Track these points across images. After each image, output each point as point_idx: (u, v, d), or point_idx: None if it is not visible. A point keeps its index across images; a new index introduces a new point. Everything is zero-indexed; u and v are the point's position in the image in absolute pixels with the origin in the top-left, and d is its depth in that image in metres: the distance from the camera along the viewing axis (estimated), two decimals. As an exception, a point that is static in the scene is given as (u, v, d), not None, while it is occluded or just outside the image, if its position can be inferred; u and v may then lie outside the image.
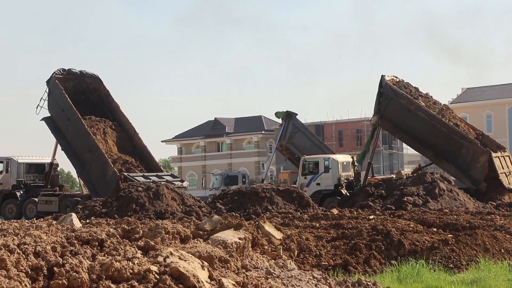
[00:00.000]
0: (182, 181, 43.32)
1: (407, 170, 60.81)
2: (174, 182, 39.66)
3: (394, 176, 43.60)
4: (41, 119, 43.99)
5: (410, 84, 44.26)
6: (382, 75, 42.37)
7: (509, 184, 39.66)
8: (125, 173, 39.35)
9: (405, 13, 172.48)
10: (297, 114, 49.56)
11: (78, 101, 43.83)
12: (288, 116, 49.36)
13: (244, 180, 59.04)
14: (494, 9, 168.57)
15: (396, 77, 43.93)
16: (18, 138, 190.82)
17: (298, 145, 49.07)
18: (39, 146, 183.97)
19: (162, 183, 36.57)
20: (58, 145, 43.98)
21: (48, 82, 43.96)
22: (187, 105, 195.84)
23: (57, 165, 46.31)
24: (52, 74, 43.95)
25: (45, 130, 43.63)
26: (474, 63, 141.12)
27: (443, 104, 45.39)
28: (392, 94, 41.60)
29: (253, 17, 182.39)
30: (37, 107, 43.73)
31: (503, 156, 41.10)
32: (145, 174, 40.70)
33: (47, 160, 45.70)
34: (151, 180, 38.12)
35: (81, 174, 43.28)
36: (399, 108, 41.53)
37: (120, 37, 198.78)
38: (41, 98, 43.93)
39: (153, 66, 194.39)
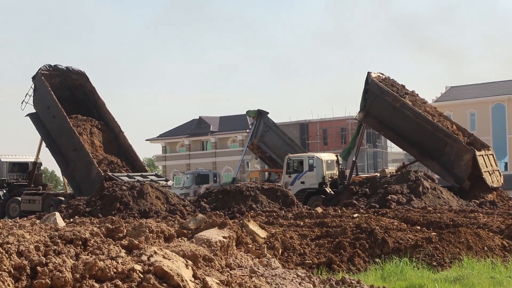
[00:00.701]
0: (166, 180, 43.25)
1: (391, 168, 60.88)
2: (158, 182, 39.58)
3: (378, 174, 43.60)
4: (26, 115, 43.81)
5: (396, 82, 44.22)
6: (368, 72, 42.32)
7: (492, 182, 39.77)
8: (110, 174, 39.21)
9: (382, 12, 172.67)
10: (268, 113, 49.53)
11: (64, 97, 43.61)
12: (260, 115, 49.28)
13: (215, 179, 58.36)
14: (471, 4, 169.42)
15: (382, 74, 43.88)
16: (1, 137, 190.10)
17: (270, 143, 49.12)
18: (23, 145, 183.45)
19: (146, 182, 36.47)
20: (43, 144, 43.82)
21: (34, 78, 43.72)
22: (171, 104, 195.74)
23: (40, 164, 46.17)
24: (38, 70, 43.67)
25: (30, 127, 43.51)
26: (453, 60, 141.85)
27: (441, 114, 45.17)
28: (378, 91, 41.55)
29: (237, 16, 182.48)
30: (22, 103, 43.58)
31: (487, 155, 41.18)
32: (130, 174, 40.57)
33: (31, 159, 45.55)
34: (136, 180, 38.02)
35: (65, 173, 43.10)
36: (384, 105, 41.49)
37: (104, 35, 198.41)
38: (27, 93, 43.74)
39: (138, 65, 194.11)
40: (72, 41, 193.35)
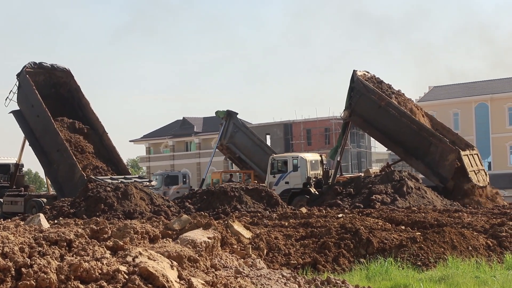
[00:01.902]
0: (150, 181, 43.17)
1: (375, 168, 61.07)
2: (142, 182, 39.50)
3: (363, 174, 43.66)
4: (10, 112, 43.63)
5: (383, 81, 44.17)
6: (354, 70, 42.22)
7: (478, 182, 39.84)
8: (93, 177, 39.02)
9: (360, 13, 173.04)
10: (237, 114, 49.50)
11: (48, 95, 43.42)
12: (229, 116, 49.27)
13: (184, 180, 57.95)
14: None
15: (368, 72, 43.76)
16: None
17: (239, 144, 49.14)
18: (3, 145, 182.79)
19: (131, 182, 36.38)
20: (25, 146, 43.64)
21: (18, 75, 43.48)
22: (155, 104, 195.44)
23: (22, 165, 45.99)
24: (23, 68, 43.41)
25: (11, 126, 43.51)
26: (429, 58, 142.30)
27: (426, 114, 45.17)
28: (363, 89, 41.47)
29: (216, 17, 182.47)
30: (6, 99, 43.43)
31: (472, 154, 41.26)
32: (113, 177, 40.40)
33: (12, 160, 45.40)
34: (119, 181, 37.90)
35: (48, 173, 42.92)
36: (370, 103, 41.42)
37: (86, 35, 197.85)
38: (11, 90, 43.54)
39: (121, 66, 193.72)
40: (50, 42, 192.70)
